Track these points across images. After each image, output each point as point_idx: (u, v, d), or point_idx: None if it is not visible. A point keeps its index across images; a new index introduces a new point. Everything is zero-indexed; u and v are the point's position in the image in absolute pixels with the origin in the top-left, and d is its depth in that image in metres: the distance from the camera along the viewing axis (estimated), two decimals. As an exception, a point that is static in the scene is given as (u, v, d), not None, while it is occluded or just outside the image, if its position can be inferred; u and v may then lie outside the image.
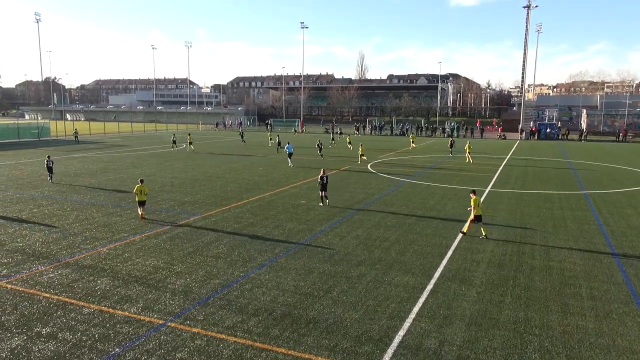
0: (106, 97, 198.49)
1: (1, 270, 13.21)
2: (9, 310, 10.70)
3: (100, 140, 60.97)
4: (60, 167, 34.47)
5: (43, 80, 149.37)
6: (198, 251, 15.03)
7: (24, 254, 14.58)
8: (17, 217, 19.13)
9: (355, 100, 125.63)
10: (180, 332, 9.75)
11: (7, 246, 15.37)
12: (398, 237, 16.83)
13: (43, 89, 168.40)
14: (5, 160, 38.30)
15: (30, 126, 65.62)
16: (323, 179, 21.56)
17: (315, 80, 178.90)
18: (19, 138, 59.06)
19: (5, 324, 10.04)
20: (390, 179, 30.31)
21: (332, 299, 11.45)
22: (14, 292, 11.70)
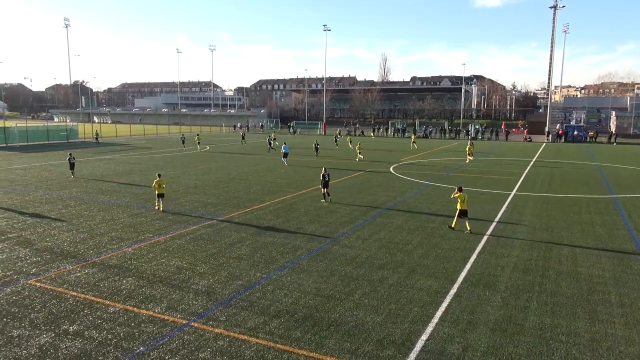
0: (132, 100, 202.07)
1: (30, 268, 13.57)
2: (38, 308, 10.97)
3: (126, 142, 62.13)
4: (87, 168, 35.26)
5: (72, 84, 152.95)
6: (221, 252, 15.17)
7: (52, 253, 14.94)
8: (46, 217, 19.62)
9: (377, 103, 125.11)
10: (203, 332, 9.85)
11: (36, 245, 15.78)
12: (421, 241, 16.69)
13: (72, 92, 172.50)
14: (36, 162, 39.35)
15: (59, 128, 67.28)
16: (325, 177, 22.92)
17: (338, 82, 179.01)
18: (49, 140, 60.63)
19: (35, 321, 10.30)
20: (412, 181, 30.09)
21: (354, 302, 11.42)
22: (43, 291, 11.99)
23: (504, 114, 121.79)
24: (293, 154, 43.99)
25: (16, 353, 8.97)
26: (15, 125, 60.60)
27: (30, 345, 9.26)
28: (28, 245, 15.74)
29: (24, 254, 14.88)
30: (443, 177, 32.45)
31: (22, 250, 15.25)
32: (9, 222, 18.80)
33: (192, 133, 72.22)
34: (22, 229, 17.73)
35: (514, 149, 57.35)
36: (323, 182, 23.06)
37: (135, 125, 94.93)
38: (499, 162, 42.64)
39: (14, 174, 32.34)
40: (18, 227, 18.07)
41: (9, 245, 15.76)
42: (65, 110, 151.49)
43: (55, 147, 53.84)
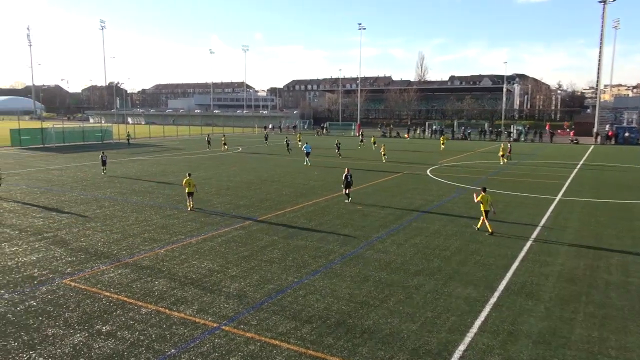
0: (165, 101, 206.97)
1: (65, 268, 14.04)
2: (72, 307, 11.34)
3: (159, 144, 63.62)
4: (121, 169, 36.29)
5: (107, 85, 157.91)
6: (252, 255, 15.31)
7: (86, 253, 15.43)
8: (81, 217, 20.29)
9: (414, 103, 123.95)
10: (234, 336, 9.96)
11: (71, 245, 16.33)
12: (459, 247, 16.41)
13: (107, 94, 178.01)
14: (71, 162, 40.76)
15: (94, 129, 69.52)
16: (347, 177, 23.66)
17: (373, 82, 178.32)
18: (84, 141, 62.70)
19: (69, 320, 10.64)
20: (450, 184, 29.64)
21: (389, 309, 11.32)
22: (77, 290, 12.39)
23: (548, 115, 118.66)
24: (317, 155, 44.01)
25: (50, 351, 9.29)
26: (52, 126, 62.99)
27: (65, 345, 9.57)
28: (63, 245, 16.30)
29: (59, 253, 15.42)
30: (483, 180, 31.82)
31: (58, 249, 15.81)
32: (45, 221, 19.52)
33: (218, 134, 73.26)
34: (58, 229, 18.38)
35: (559, 152, 55.75)
36: (345, 183, 23.85)
37: (168, 126, 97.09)
38: (542, 165, 41.52)
39: (51, 174, 33.59)
40: (54, 227, 18.74)
41: (45, 244, 16.36)
42: (100, 112, 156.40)
43: (90, 148, 55.60)
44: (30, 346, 9.48)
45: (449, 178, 32.34)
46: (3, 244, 16.41)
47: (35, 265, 14.28)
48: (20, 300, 11.73)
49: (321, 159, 43.73)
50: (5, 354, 9.17)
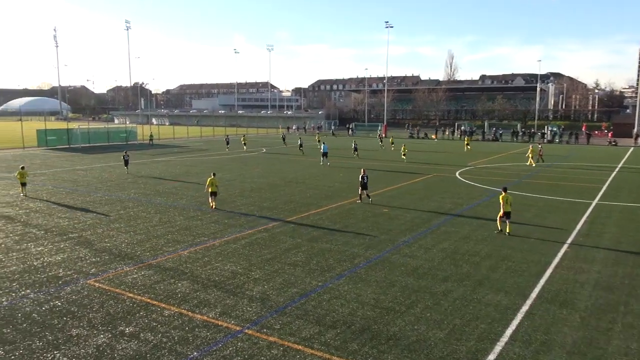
0: (190, 102, 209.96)
1: (90, 269, 14.36)
2: (96, 308, 11.59)
3: (183, 144, 64.55)
4: (145, 170, 36.96)
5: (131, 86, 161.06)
6: (276, 258, 15.39)
7: (110, 254, 15.75)
8: (105, 218, 20.72)
9: (443, 103, 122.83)
10: (257, 340, 10.02)
11: (95, 246, 16.69)
12: (489, 252, 16.18)
13: (131, 94, 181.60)
14: (96, 163, 41.69)
15: (119, 130, 71.00)
16: (364, 178, 24.05)
17: (400, 82, 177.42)
18: (109, 142, 64.07)
19: (92, 321, 10.88)
20: (481, 187, 29.24)
21: (415, 315, 11.23)
22: (101, 291, 12.65)
23: (584, 115, 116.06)
24: (336, 156, 43.95)
25: (75, 352, 9.51)
26: (77, 127, 64.57)
27: (88, 345, 9.78)
28: (88, 246, 16.68)
29: (84, 254, 15.78)
30: (515, 183, 31.30)
31: (82, 250, 16.19)
32: (70, 222, 20.01)
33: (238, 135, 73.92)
34: (83, 229, 18.82)
35: (596, 154, 54.45)
36: (362, 184, 24.15)
37: (192, 127, 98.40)
38: (578, 167, 40.61)
39: (76, 174, 34.43)
40: (79, 227, 19.20)
41: (70, 245, 16.77)
42: (125, 112, 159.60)
43: (115, 148, 56.74)
44: (55, 346, 9.72)
45: (480, 181, 31.91)
46: (29, 243, 16.89)
47: (61, 265, 14.64)
48: (46, 300, 12.04)
49: (345, 160, 43.66)
50: (30, 353, 9.43)
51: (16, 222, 19.94)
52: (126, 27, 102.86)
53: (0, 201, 24.28)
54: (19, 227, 19.13)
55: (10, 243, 16.94)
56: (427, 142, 72.41)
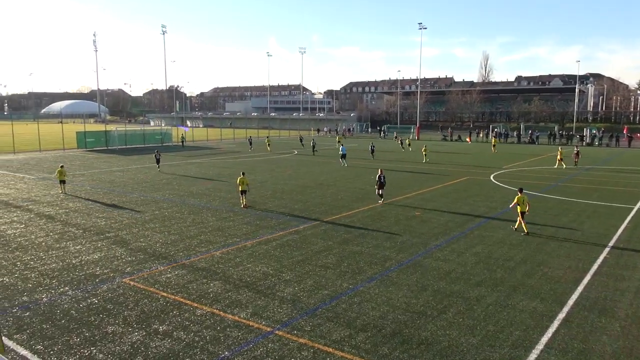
0: (223, 104, 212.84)
1: (125, 267, 14.71)
2: (131, 306, 11.86)
3: (216, 146, 65.49)
4: (179, 171, 37.67)
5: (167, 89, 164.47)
6: (307, 260, 15.43)
7: (145, 253, 16.10)
8: (141, 218, 21.20)
9: (477, 105, 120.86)
10: (287, 341, 10.06)
11: (131, 245, 17.10)
12: (524, 257, 15.82)
13: (167, 97, 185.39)
14: (132, 164, 42.71)
15: (154, 132, 72.57)
16: (380, 178, 24.66)
17: (433, 84, 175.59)
18: (145, 143, 65.55)
19: (127, 319, 11.14)
20: (516, 191, 28.60)
21: (447, 321, 11.07)
22: (136, 289, 12.95)
23: (626, 117, 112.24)
24: (354, 157, 43.68)
25: (110, 348, 9.75)
26: (115, 129, 66.32)
27: (123, 342, 10.02)
28: (124, 245, 17.09)
29: (119, 253, 16.18)
30: (552, 187, 30.54)
31: (119, 249, 16.60)
32: (107, 222, 20.55)
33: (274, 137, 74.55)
34: (119, 229, 19.30)
35: (638, 157, 52.59)
36: (379, 183, 24.73)
37: (225, 129, 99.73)
38: (619, 171, 39.31)
39: (113, 175, 35.36)
40: (115, 227, 19.70)
41: (107, 244, 17.23)
42: (160, 115, 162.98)
43: (150, 150, 57.94)
44: (92, 342, 10.00)
45: (515, 184, 31.25)
46: (68, 242, 17.43)
47: (98, 263, 15.05)
48: (83, 297, 12.40)
49: (375, 162, 43.49)
50: (68, 349, 9.72)
51: (56, 221, 20.61)
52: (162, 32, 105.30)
53: (42, 201, 25.14)
54: (58, 226, 19.77)
55: (50, 241, 17.52)
56: (461, 145, 71.43)
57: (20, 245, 16.99)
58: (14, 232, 18.75)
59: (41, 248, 16.70)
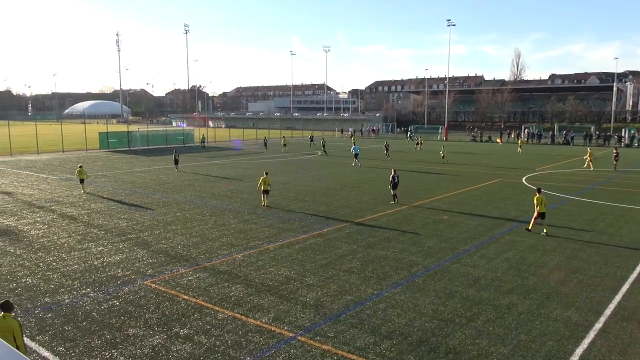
0: (246, 104, 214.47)
1: (147, 269, 14.93)
2: (152, 308, 12.02)
3: (239, 147, 65.97)
4: (202, 171, 38.09)
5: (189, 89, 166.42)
6: (330, 264, 15.41)
7: (167, 256, 16.31)
8: (162, 220, 21.49)
9: (508, 105, 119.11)
10: (310, 347, 10.06)
11: (152, 247, 17.34)
12: (558, 264, 15.51)
13: (189, 97, 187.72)
14: (154, 165, 43.36)
15: (176, 133, 73.56)
16: (394, 179, 25.21)
17: (462, 82, 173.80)
18: (167, 144, 66.47)
19: (149, 321, 11.29)
20: (549, 194, 28.11)
21: (476, 329, 10.91)
22: (157, 292, 13.12)
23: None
24: (378, 158, 43.34)
25: (131, 351, 9.90)
26: (137, 129, 67.41)
27: (144, 345, 10.16)
28: (145, 247, 17.35)
29: (141, 255, 16.43)
30: (587, 190, 29.89)
31: (140, 251, 16.86)
32: (129, 223, 20.90)
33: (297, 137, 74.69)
34: (141, 231, 19.60)
35: (681, 159, 51.08)
36: (392, 184, 25.30)
37: (247, 129, 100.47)
38: None
39: (135, 176, 35.95)
40: (137, 228, 20.01)
41: (128, 245, 17.51)
42: (182, 115, 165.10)
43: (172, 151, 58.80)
44: (113, 345, 10.16)
45: (548, 187, 30.68)
46: (90, 243, 17.78)
47: (119, 265, 15.31)
48: (105, 299, 12.62)
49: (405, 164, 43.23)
50: (89, 351, 9.90)
51: (79, 222, 21.04)
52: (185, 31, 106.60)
53: (64, 202, 25.71)
54: (81, 227, 20.18)
55: (73, 242, 17.89)
56: (491, 146, 70.51)
57: (43, 246, 17.40)
58: (37, 233, 19.22)
59: (64, 249, 17.07)
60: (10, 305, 8.23)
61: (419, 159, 48.66)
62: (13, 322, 8.04)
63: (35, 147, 55.20)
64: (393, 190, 25.39)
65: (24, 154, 52.77)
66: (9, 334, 7.83)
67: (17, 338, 7.94)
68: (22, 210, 23.41)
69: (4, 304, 8.18)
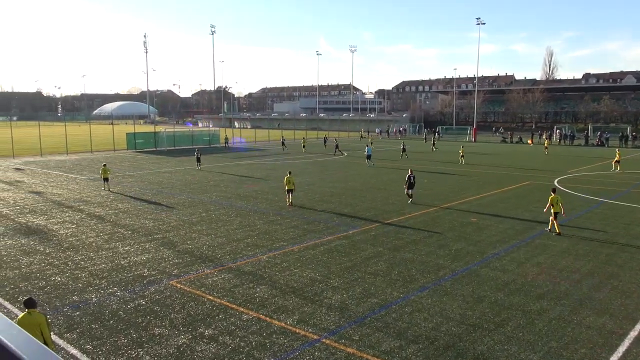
0: (271, 105, 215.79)
1: (172, 269, 15.14)
2: (178, 309, 12.19)
3: (264, 147, 66.45)
4: (228, 172, 38.46)
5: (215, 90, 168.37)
6: (356, 266, 15.39)
7: (192, 256, 16.52)
8: (188, 220, 21.78)
9: (540, 105, 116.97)
10: (335, 350, 10.05)
11: (178, 247, 17.59)
12: (592, 269, 15.16)
13: (215, 98, 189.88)
14: (180, 166, 43.96)
15: (202, 133, 74.42)
16: (410, 178, 25.80)
17: (492, 82, 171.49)
18: (193, 144, 67.24)
19: (174, 321, 11.45)
20: (582, 197, 27.52)
21: (505, 335, 10.75)
22: (183, 292, 13.30)
23: None
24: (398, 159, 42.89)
25: (157, 351, 10.05)
26: (163, 130, 68.47)
27: (170, 345, 10.31)
28: (171, 247, 17.61)
29: (167, 254, 16.68)
30: (624, 193, 29.15)
31: (166, 251, 17.11)
32: (155, 223, 21.23)
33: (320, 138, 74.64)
34: (167, 231, 19.90)
35: None
36: (408, 183, 25.94)
37: (273, 130, 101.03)
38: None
39: (161, 176, 36.52)
40: (163, 228, 20.32)
41: (154, 245, 17.80)
42: (208, 116, 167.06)
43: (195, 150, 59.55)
44: (138, 344, 10.34)
45: (581, 190, 30.05)
46: (117, 243, 18.12)
47: (145, 265, 15.57)
48: (131, 298, 12.85)
49: (441, 166, 42.86)
50: (116, 350, 10.09)
51: (106, 222, 21.48)
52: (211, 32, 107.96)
53: (92, 201, 26.28)
54: (108, 227, 20.59)
55: (100, 242, 18.27)
56: (522, 147, 69.35)
57: (71, 245, 17.81)
58: (66, 232, 19.69)
59: (91, 248, 17.45)
60: (33, 301, 8.48)
61: (440, 159, 48.16)
62: (40, 317, 8.28)
63: (65, 148, 56.54)
64: (409, 190, 25.97)
65: (53, 154, 54.12)
66: (37, 329, 8.06)
67: (44, 332, 8.17)
68: (52, 210, 24.02)
69: (27, 301, 8.44)
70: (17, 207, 24.73)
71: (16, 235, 19.23)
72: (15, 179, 35.01)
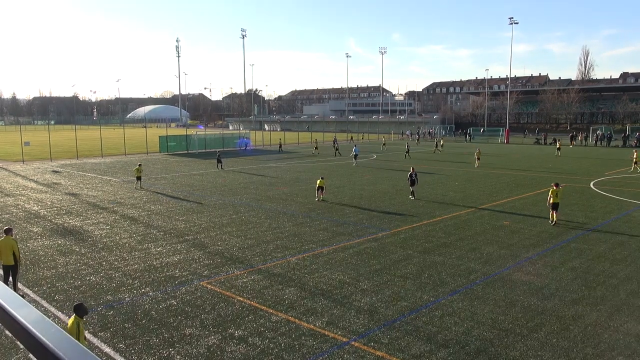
0: (301, 108, 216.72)
1: (203, 270, 15.35)
2: (208, 309, 12.34)
3: (293, 150, 66.75)
4: (258, 172, 38.77)
5: (245, 93, 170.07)
6: (385, 269, 15.31)
7: (222, 257, 16.71)
8: (218, 222, 22.04)
9: (575, 105, 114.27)
10: (364, 353, 10.02)
11: (209, 248, 17.81)
12: (629, 274, 14.72)
13: (245, 101, 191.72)
14: (211, 168, 44.51)
15: (233, 136, 75.20)
16: (412, 176, 27.07)
17: (525, 82, 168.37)
18: (223, 147, 68.06)
19: (204, 322, 11.60)
20: (619, 200, 26.74)
21: (539, 340, 10.53)
22: (213, 293, 13.46)
23: None
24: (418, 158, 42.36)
25: (187, 350, 10.20)
26: (195, 133, 69.48)
27: (200, 345, 10.44)
28: (202, 248, 17.85)
29: (198, 256, 16.91)
30: (663, 196, 28.19)
31: (197, 252, 17.35)
32: (187, 224, 21.56)
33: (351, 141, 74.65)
34: (198, 232, 20.18)
35: None
36: (410, 181, 27.16)
37: (302, 132, 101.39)
38: None
39: (193, 179, 37.05)
40: (194, 230, 20.61)
41: (186, 246, 18.07)
42: (238, 119, 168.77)
43: (229, 154, 60.19)
44: (170, 344, 10.51)
45: (618, 192, 29.21)
46: (150, 244, 18.47)
47: (177, 266, 15.82)
48: (163, 298, 13.07)
49: (459, 168, 42.31)
50: (148, 349, 10.28)
51: (139, 223, 21.91)
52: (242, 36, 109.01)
53: (126, 203, 26.85)
54: (141, 228, 21.00)
55: (133, 243, 18.65)
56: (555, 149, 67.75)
57: (106, 246, 18.24)
58: (100, 233, 20.17)
59: (125, 249, 17.83)
60: (83, 309, 8.74)
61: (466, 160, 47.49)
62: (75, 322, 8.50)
63: (100, 151, 57.93)
64: (411, 187, 27.08)
65: (89, 157, 55.53)
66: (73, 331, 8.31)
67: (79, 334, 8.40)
68: (87, 211, 24.64)
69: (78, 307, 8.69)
70: (54, 208, 25.46)
71: (53, 235, 19.80)
72: (52, 181, 36.05)
